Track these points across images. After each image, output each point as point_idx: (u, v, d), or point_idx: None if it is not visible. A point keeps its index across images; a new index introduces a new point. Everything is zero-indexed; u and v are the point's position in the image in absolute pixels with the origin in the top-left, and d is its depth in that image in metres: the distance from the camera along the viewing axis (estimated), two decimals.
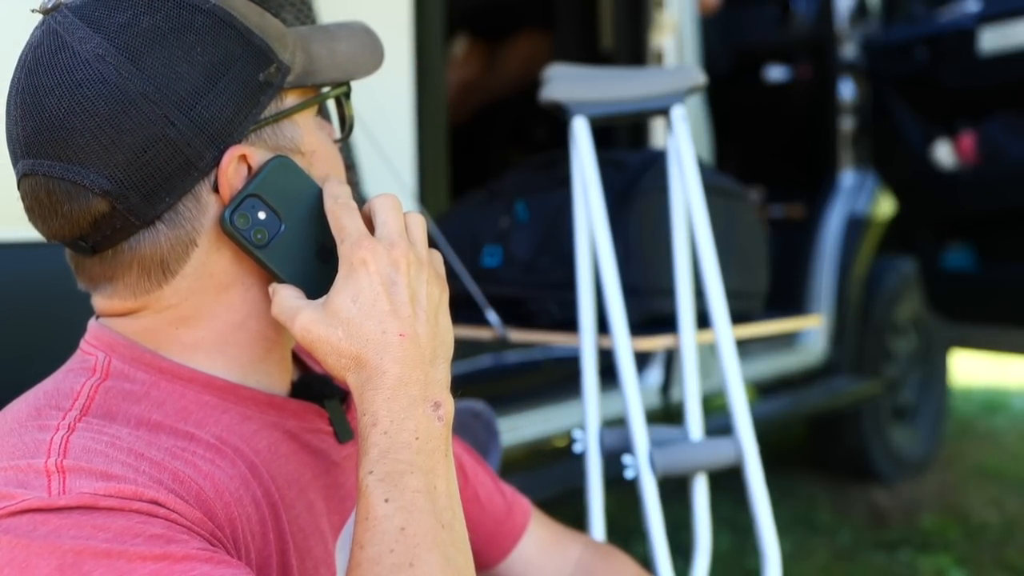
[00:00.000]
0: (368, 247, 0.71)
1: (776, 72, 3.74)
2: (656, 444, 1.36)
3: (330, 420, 0.83)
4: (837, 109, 3.36)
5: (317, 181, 0.77)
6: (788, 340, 3.14)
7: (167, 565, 0.61)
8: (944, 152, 3.01)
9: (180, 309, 0.74)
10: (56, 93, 0.69)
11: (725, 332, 1.41)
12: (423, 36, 1.97)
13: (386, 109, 1.88)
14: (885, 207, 3.36)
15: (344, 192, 0.76)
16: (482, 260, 1.67)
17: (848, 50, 3.35)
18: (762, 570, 1.35)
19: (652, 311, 1.54)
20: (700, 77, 1.50)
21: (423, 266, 0.73)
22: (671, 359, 2.26)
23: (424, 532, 0.66)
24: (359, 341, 0.69)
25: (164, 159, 0.69)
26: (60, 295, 0.89)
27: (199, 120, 0.70)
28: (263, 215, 0.73)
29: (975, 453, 3.87)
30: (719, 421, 1.85)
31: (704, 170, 1.53)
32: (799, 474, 3.56)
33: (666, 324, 1.49)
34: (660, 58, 2.66)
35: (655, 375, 2.51)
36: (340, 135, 0.85)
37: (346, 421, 0.85)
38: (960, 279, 3.09)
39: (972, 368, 5.13)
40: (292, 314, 0.71)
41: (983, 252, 3.03)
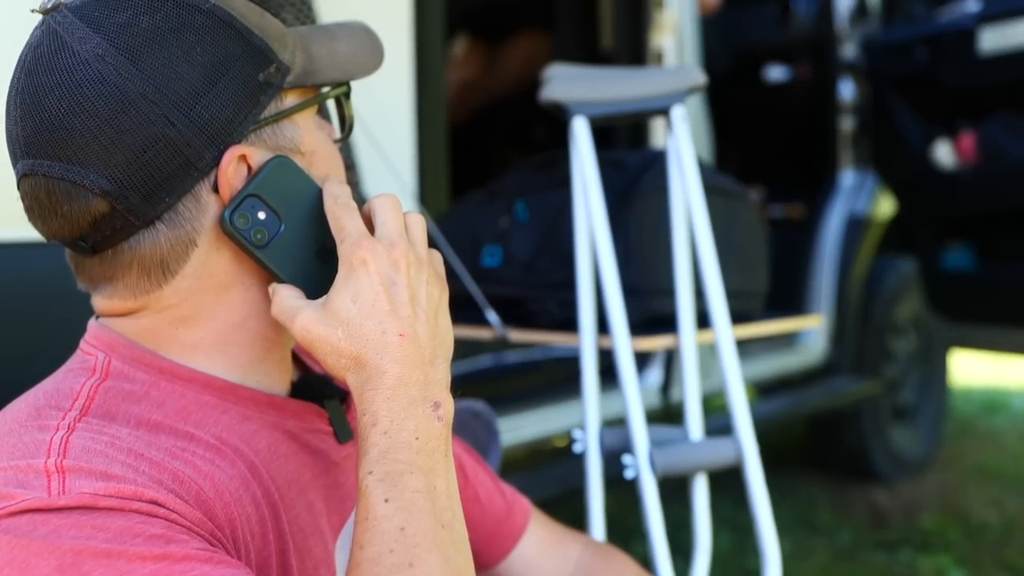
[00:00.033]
0: (368, 247, 0.71)
1: (776, 72, 3.74)
2: (656, 444, 1.36)
3: (330, 420, 0.83)
4: (837, 109, 3.36)
5: (317, 181, 0.77)
6: (788, 340, 3.14)
7: (167, 565, 0.61)
8: (944, 152, 3.01)
9: (180, 309, 0.74)
10: (56, 93, 0.69)
11: (725, 332, 1.41)
12: (423, 36, 1.97)
13: (386, 109, 1.88)
14: (885, 207, 3.36)
15: (344, 192, 0.76)
16: (482, 260, 1.67)
17: (848, 50, 3.35)
18: (762, 570, 1.35)
19: (652, 311, 1.54)
20: (700, 77, 1.50)
21: (423, 266, 0.73)
22: (671, 359, 2.26)
23: (424, 532, 0.66)
24: (359, 341, 0.69)
25: (164, 159, 0.69)
26: (60, 295, 0.89)
27: (199, 120, 0.70)
28: (263, 215, 0.73)
29: (975, 453, 3.87)
30: (719, 421, 1.84)
31: (704, 170, 1.53)
32: (799, 474, 3.56)
33: (666, 324, 1.49)
34: (660, 58, 2.66)
35: (655, 375, 2.51)
36: (340, 135, 0.85)
37: (346, 421, 0.85)
38: (960, 279, 3.09)
39: (972, 368, 5.13)
40: (292, 314, 0.71)
41: (983, 252, 3.03)
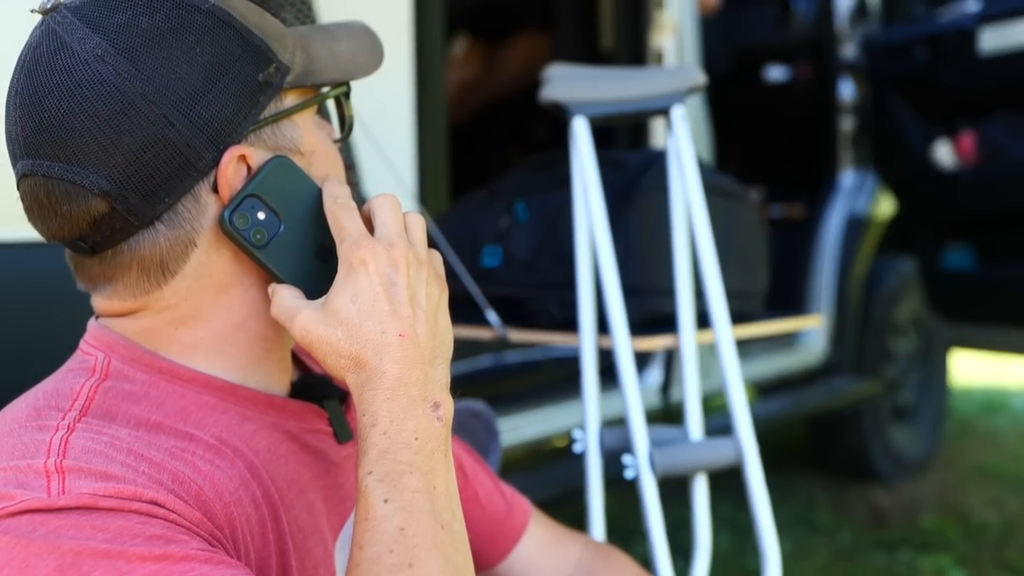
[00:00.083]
0: (367, 247, 0.71)
1: (776, 72, 3.74)
2: (656, 444, 1.36)
3: (329, 420, 0.83)
4: (837, 109, 3.36)
5: (317, 181, 0.77)
6: (788, 340, 3.14)
7: (166, 565, 0.61)
8: (944, 152, 3.01)
9: (180, 309, 0.74)
10: (55, 94, 0.69)
11: (725, 332, 1.41)
12: (423, 36, 1.97)
13: (386, 109, 1.88)
14: (885, 207, 3.36)
15: (344, 192, 0.76)
16: (482, 260, 1.67)
17: (848, 50, 3.35)
18: (762, 570, 1.35)
19: (652, 311, 1.54)
20: (700, 77, 1.50)
21: (422, 266, 0.73)
22: (671, 359, 2.26)
23: (423, 532, 0.66)
24: (358, 341, 0.69)
25: (163, 159, 0.69)
26: (60, 295, 0.89)
27: (198, 120, 0.70)
28: (262, 215, 0.73)
29: (975, 453, 3.87)
30: (719, 421, 1.84)
31: (704, 170, 1.53)
32: (799, 474, 3.56)
33: (666, 324, 1.49)
34: (660, 58, 2.66)
35: (655, 375, 2.51)
36: (340, 135, 0.85)
37: (345, 421, 0.85)
38: (960, 279, 3.09)
39: (972, 368, 5.13)
40: (291, 314, 0.71)
41: (983, 252, 3.03)
